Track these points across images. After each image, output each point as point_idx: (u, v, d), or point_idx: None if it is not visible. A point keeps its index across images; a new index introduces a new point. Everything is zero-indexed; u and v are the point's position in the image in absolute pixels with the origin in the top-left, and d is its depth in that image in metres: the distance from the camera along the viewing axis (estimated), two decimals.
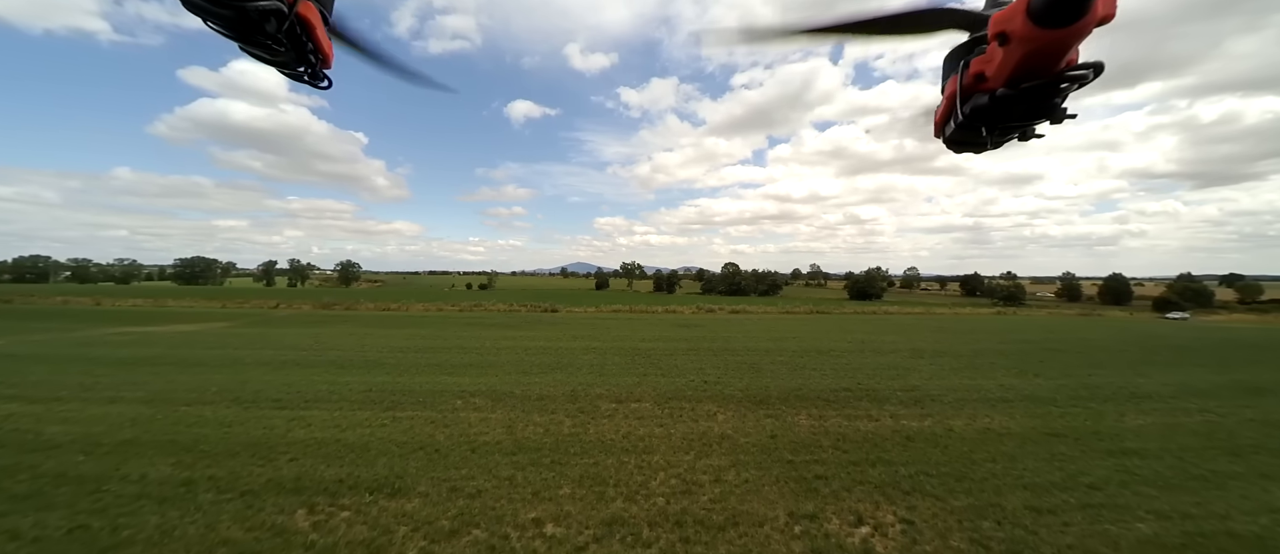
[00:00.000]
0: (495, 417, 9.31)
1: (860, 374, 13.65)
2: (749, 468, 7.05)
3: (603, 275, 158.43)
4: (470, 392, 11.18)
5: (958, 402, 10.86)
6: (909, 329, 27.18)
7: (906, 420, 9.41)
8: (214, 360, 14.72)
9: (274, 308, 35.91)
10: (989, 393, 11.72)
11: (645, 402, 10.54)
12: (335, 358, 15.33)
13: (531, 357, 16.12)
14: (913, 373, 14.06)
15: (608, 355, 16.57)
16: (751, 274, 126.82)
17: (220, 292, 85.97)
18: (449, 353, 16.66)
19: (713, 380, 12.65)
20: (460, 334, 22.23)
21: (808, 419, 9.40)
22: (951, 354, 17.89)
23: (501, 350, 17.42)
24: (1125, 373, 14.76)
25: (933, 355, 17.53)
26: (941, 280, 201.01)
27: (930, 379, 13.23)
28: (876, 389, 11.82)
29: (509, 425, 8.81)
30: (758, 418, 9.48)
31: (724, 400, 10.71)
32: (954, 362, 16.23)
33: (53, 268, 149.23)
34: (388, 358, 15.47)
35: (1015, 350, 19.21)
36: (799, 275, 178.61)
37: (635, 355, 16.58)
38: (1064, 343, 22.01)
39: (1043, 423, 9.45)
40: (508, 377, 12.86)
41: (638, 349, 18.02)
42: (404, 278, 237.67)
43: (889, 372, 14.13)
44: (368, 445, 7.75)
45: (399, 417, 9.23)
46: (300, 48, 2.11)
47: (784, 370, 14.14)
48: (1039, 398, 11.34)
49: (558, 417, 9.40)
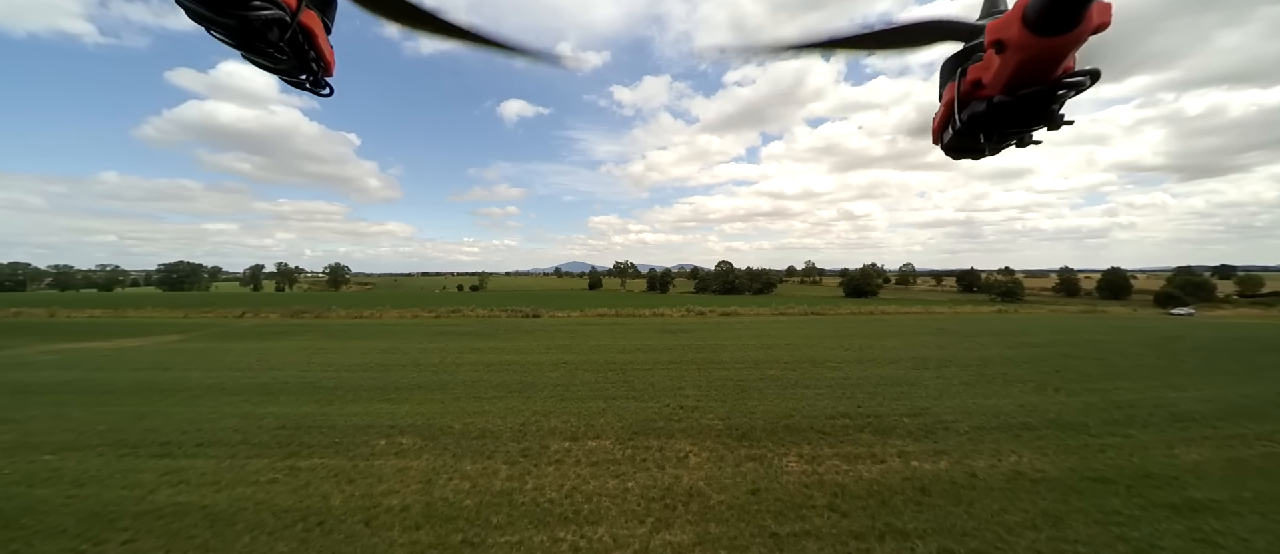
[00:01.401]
0: (417, 465, 7.62)
1: (860, 394, 12.04)
2: (721, 546, 5.41)
3: (596, 275, 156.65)
4: (403, 426, 9.48)
5: (975, 430, 9.26)
6: (909, 332, 25.60)
7: (918, 460, 7.80)
8: (127, 387, 12.93)
9: (239, 317, 33.99)
10: (1009, 416, 10.14)
11: (606, 438, 8.87)
12: (269, 380, 13.56)
13: (492, 374, 14.43)
14: (919, 390, 12.47)
15: (578, 371, 14.89)
16: (745, 272, 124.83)
17: (194, 299, 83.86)
18: (401, 371, 14.93)
19: (691, 405, 11.00)
20: (424, 346, 20.49)
21: (799, 462, 7.76)
22: (958, 363, 16.33)
23: (462, 367, 15.71)
24: (1154, 385, 13.23)
25: (938, 365, 15.97)
26: (937, 276, 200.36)
27: (940, 399, 11.64)
28: (880, 415, 10.20)
29: (429, 479, 7.13)
30: (738, 460, 7.84)
31: (700, 434, 9.06)
32: (962, 373, 14.66)
33: (32, 276, 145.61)
34: (328, 379, 13.72)
35: (1026, 357, 17.68)
36: (794, 273, 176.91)
37: (609, 371, 14.91)
38: (1076, 346, 20.51)
39: (1081, 461, 7.86)
40: (454, 403, 11.17)
41: (613, 362, 16.35)
42: (395, 280, 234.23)
43: (892, 389, 12.53)
44: (238, 515, 6.06)
45: (299, 467, 7.53)
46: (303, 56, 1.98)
47: (774, 390, 12.51)
48: (1068, 423, 9.76)
49: (494, 463, 7.72)
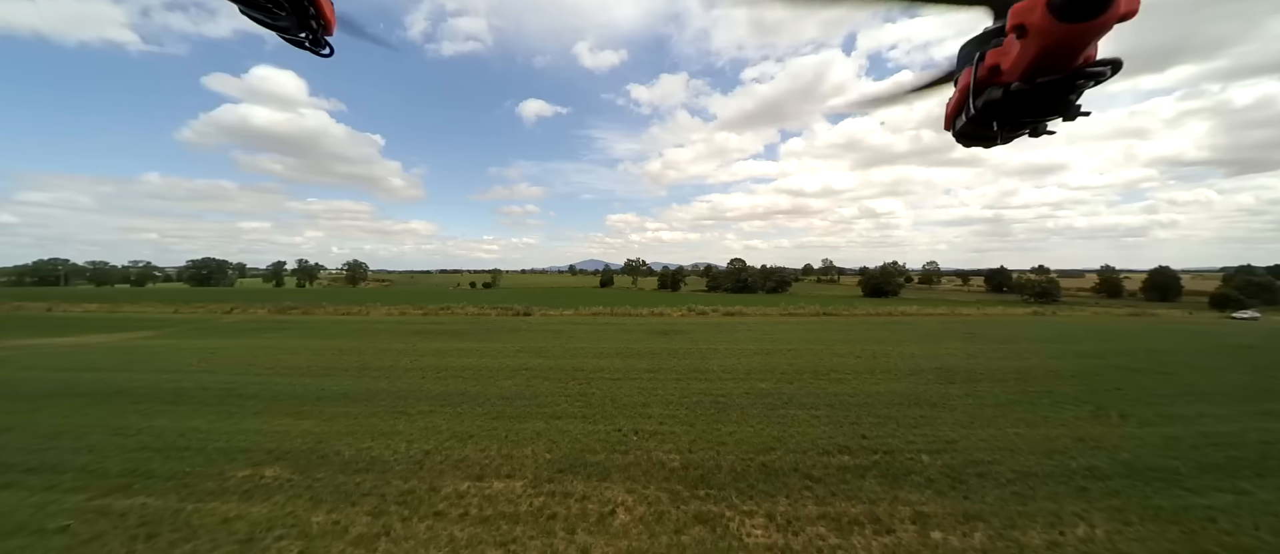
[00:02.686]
0: (255, 513, 5.64)
1: (868, 418, 9.64)
2: None
3: (608, 273, 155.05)
4: (282, 450, 7.56)
5: (1021, 477, 6.83)
6: (932, 336, 22.74)
7: (941, 529, 5.47)
8: (37, 390, 11.43)
9: (228, 313, 33.14)
10: (1065, 456, 7.65)
11: (520, 477, 6.76)
12: (191, 385, 11.88)
13: (437, 381, 12.49)
14: (943, 413, 10.00)
15: (537, 379, 12.84)
16: (759, 270, 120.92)
17: (208, 294, 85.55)
18: (339, 376, 13.11)
19: (650, 430, 8.81)
20: (388, 346, 18.76)
21: (766, 529, 5.50)
22: (992, 377, 13.69)
23: (410, 371, 13.84)
24: (1248, 413, 10.44)
25: (967, 378, 13.37)
26: (964, 275, 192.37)
27: (971, 426, 9.18)
28: (891, 451, 7.82)
29: (251, 538, 5.15)
30: (682, 522, 5.63)
31: (646, 475, 6.87)
32: (998, 390, 12.08)
33: (69, 271, 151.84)
34: (253, 385, 11.98)
35: (1075, 369, 14.89)
36: (811, 271, 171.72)
37: (573, 379, 12.81)
38: (1132, 356, 17.52)
39: (1185, 536, 5.41)
40: (367, 420, 9.23)
41: (582, 369, 14.24)
42: (412, 277, 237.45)
43: (909, 411, 10.10)
44: None
45: (111, 508, 5.64)
46: (302, 12, 2.07)
47: (760, 410, 10.22)
48: (1149, 468, 7.22)
49: (354, 514, 5.71)
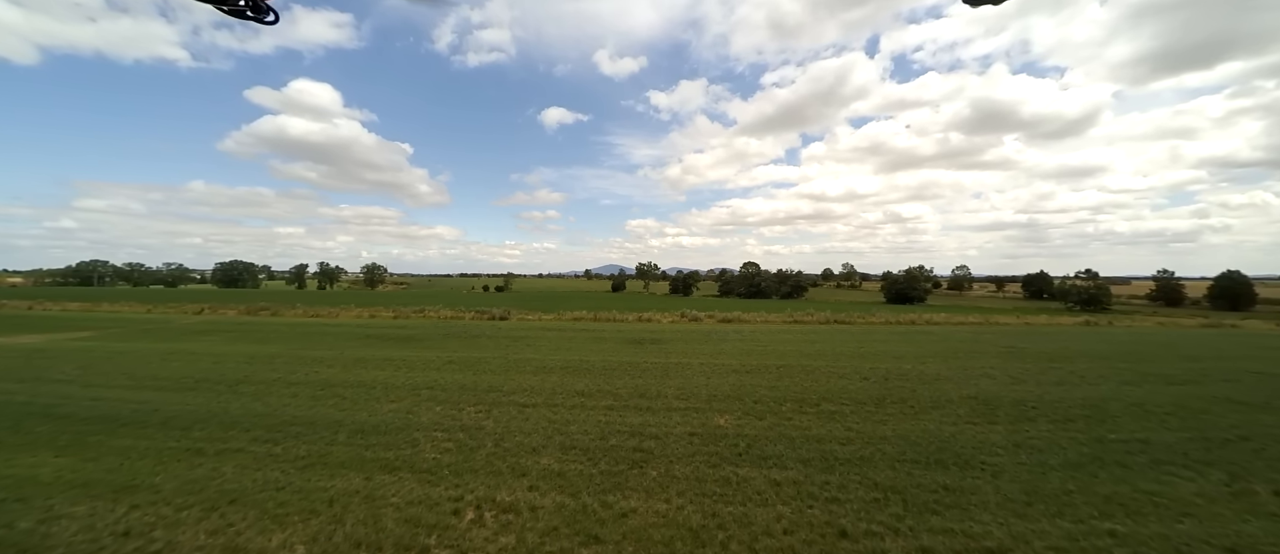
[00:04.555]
0: None
1: (859, 486, 6.19)
2: None
3: (620, 277, 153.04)
4: None
5: None
6: (963, 351, 18.57)
7: None
8: None
9: (199, 313, 31.56)
10: None
11: None
12: (9, 402, 9.36)
13: (310, 403, 9.52)
14: (981, 480, 6.44)
15: (429, 403, 9.75)
16: (774, 275, 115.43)
17: (225, 296, 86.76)
18: (207, 391, 10.30)
19: (504, 503, 5.59)
20: (316, 352, 16.08)
21: None
22: (1050, 413, 9.91)
23: (293, 386, 10.94)
24: None
25: (1013, 415, 9.66)
26: (997, 281, 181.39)
27: (1029, 512, 5.62)
28: None
29: None
30: None
31: None
32: (1062, 437, 8.40)
33: (108, 273, 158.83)
34: (89, 400, 9.30)
35: (1167, 403, 10.92)
36: (830, 276, 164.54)
37: (475, 404, 9.70)
38: (1240, 384, 13.27)
39: None
40: (133, 464, 6.30)
41: (500, 389, 11.09)
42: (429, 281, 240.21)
43: (927, 474, 6.61)
44: None
45: None
46: None
47: (695, 465, 6.89)
48: None
49: None
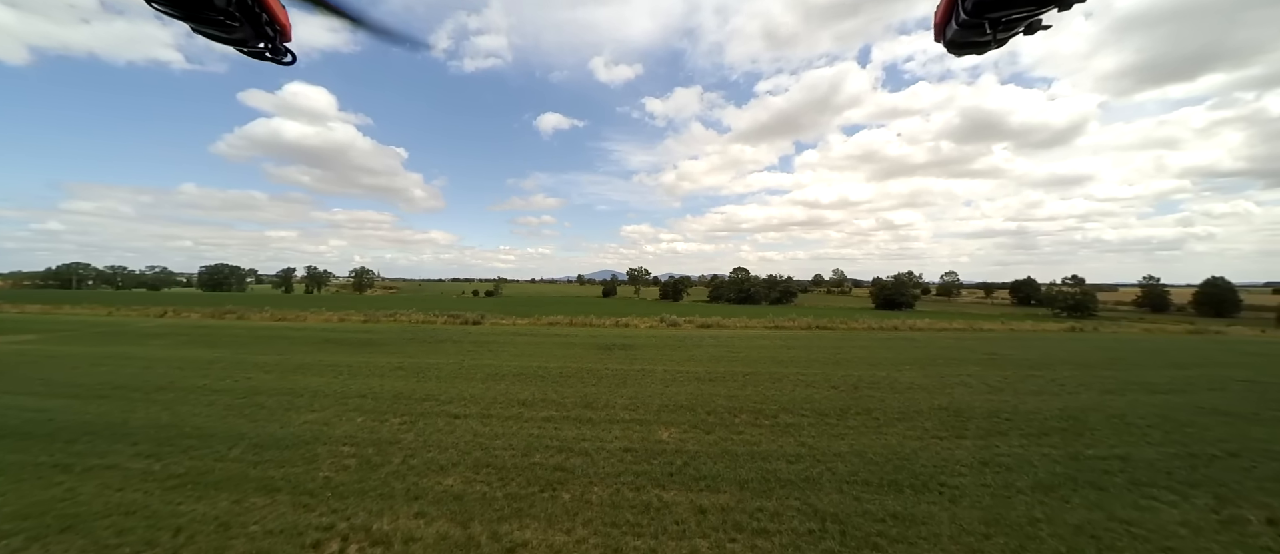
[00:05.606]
0: None
1: (795, 515, 5.37)
2: None
3: (612, 282, 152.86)
4: None
5: None
6: (942, 358, 17.89)
7: None
8: None
9: (161, 316, 30.36)
10: None
11: None
12: None
13: (224, 417, 8.52)
14: (938, 507, 5.64)
15: (346, 414, 8.81)
16: (763, 280, 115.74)
17: (212, 299, 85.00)
18: (114, 399, 9.33)
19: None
20: (259, 357, 15.01)
21: None
22: (1024, 426, 9.19)
23: (207, 394, 9.96)
24: None
25: (984, 428, 8.90)
26: (987, 287, 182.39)
27: (988, 546, 4.88)
28: None
29: None
30: None
31: None
32: (1034, 453, 7.66)
33: (86, 275, 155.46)
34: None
35: (1150, 413, 10.23)
36: (821, 282, 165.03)
37: (395, 415, 8.78)
38: (1228, 392, 12.63)
39: None
40: None
41: (435, 398, 10.15)
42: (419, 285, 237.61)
43: (880, 498, 5.80)
44: None
45: None
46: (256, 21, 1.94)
47: (615, 488, 6.05)
48: None
49: None
